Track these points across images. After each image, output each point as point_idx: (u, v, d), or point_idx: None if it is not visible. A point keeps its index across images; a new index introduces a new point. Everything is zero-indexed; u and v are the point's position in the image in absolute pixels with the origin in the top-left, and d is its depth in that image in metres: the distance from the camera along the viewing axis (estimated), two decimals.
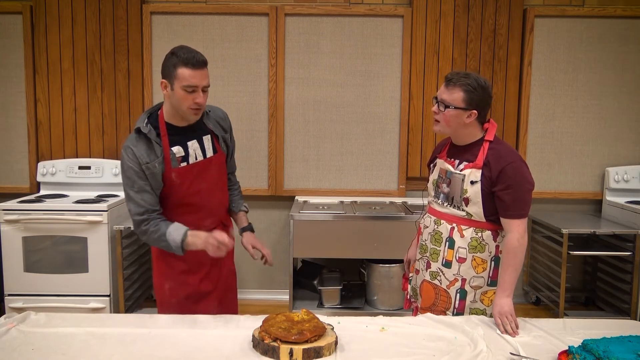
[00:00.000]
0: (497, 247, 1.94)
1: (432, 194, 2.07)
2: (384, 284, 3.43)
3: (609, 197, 3.74)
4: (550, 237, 3.63)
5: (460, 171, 1.93)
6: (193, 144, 1.98)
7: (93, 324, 1.75)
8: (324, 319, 1.71)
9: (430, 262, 2.02)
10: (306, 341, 1.53)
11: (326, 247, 3.35)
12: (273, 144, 3.81)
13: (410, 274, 2.22)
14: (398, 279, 3.40)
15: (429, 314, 1.90)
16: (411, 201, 3.74)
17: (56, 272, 3.32)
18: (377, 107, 3.80)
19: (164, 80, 1.87)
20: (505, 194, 1.85)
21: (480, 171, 1.89)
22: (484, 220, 1.91)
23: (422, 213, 2.17)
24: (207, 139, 2.02)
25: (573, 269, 3.88)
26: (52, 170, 3.68)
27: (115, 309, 3.39)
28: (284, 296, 3.88)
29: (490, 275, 1.94)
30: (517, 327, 1.76)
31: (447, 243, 1.96)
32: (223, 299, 2.18)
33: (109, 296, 3.34)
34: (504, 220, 1.89)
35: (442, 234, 1.98)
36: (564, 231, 3.31)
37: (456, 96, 1.88)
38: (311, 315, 1.66)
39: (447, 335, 1.71)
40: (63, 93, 3.76)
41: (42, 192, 3.71)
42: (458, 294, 1.95)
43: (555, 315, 3.49)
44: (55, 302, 3.31)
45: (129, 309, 3.44)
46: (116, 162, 3.72)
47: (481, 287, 1.95)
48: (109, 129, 3.79)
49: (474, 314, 1.94)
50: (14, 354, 1.54)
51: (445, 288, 1.97)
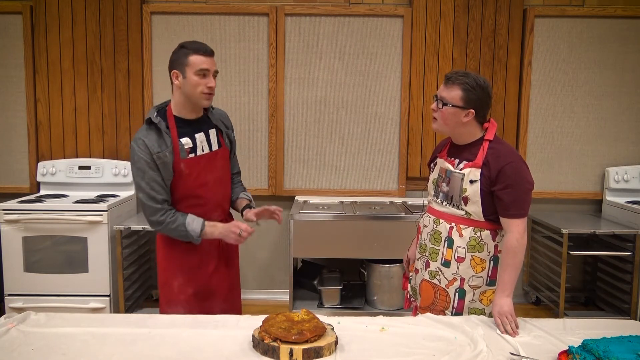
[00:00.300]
0: (496, 246, 1.94)
1: (432, 193, 2.08)
2: (384, 284, 3.43)
3: (609, 197, 3.74)
4: (550, 237, 3.63)
5: (460, 170, 1.94)
6: (200, 137, 2.06)
7: (93, 324, 1.75)
8: (324, 319, 1.71)
9: (430, 261, 2.02)
10: (306, 341, 1.53)
11: (326, 247, 3.35)
12: (273, 144, 3.81)
13: (410, 274, 2.22)
14: (398, 279, 3.40)
15: (428, 314, 1.90)
16: (411, 201, 3.74)
17: (56, 272, 3.32)
18: (377, 107, 3.80)
19: (175, 71, 1.99)
20: (505, 193, 1.85)
21: (480, 170, 1.89)
22: (482, 219, 1.91)
23: (422, 213, 2.18)
24: (212, 132, 2.11)
25: (573, 269, 3.88)
26: (52, 170, 3.68)
27: (115, 309, 3.39)
28: (284, 296, 3.88)
29: (489, 275, 1.94)
30: (517, 327, 1.76)
31: (446, 242, 1.96)
32: (229, 295, 2.23)
33: (109, 296, 3.34)
34: (503, 220, 1.89)
35: (441, 233, 1.98)
36: (564, 231, 3.31)
37: (454, 94, 1.89)
38: (311, 315, 1.66)
39: (447, 335, 1.71)
40: (63, 93, 3.76)
41: (42, 192, 3.71)
42: (457, 294, 1.95)
43: (555, 315, 3.49)
44: (55, 302, 3.31)
45: (129, 309, 3.44)
46: (116, 162, 3.72)
47: (480, 286, 1.94)
48: (109, 129, 3.79)
49: (473, 313, 1.94)
50: (14, 354, 1.54)
51: (444, 287, 1.97)
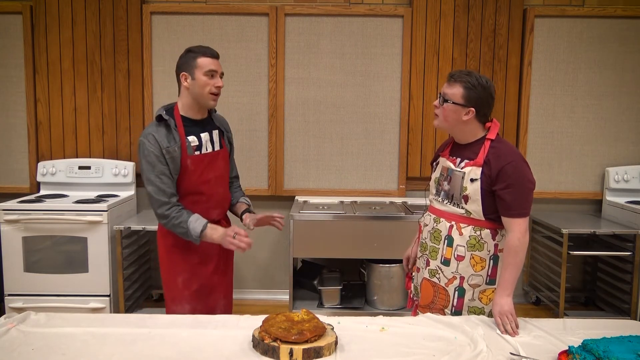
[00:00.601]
0: (495, 245, 1.94)
1: (433, 192, 2.08)
2: (384, 284, 3.43)
3: (609, 197, 3.74)
4: (550, 237, 3.63)
5: (461, 169, 1.94)
6: (205, 136, 2.16)
7: (93, 324, 1.75)
8: (324, 319, 1.71)
9: (430, 260, 2.03)
10: (306, 341, 1.53)
11: (326, 247, 3.35)
12: (273, 144, 3.81)
13: (413, 273, 2.22)
14: (398, 279, 3.40)
15: (428, 314, 1.90)
16: (411, 201, 3.74)
17: (56, 272, 3.32)
18: (377, 107, 3.80)
19: (184, 73, 2.09)
20: (506, 193, 1.85)
21: (481, 169, 1.89)
22: (483, 218, 1.92)
23: (423, 212, 2.18)
24: (215, 133, 2.22)
25: (573, 269, 3.88)
26: (52, 170, 3.68)
27: (115, 309, 3.40)
28: (284, 296, 3.88)
29: (489, 273, 1.94)
30: (517, 326, 1.76)
31: (446, 241, 1.97)
32: (227, 293, 2.33)
33: (109, 296, 3.34)
34: (505, 219, 1.89)
35: (441, 232, 1.99)
36: (564, 231, 3.31)
37: (455, 91, 1.91)
38: (311, 315, 1.66)
39: (447, 335, 1.71)
40: (63, 93, 3.76)
41: (42, 192, 3.71)
42: (456, 292, 1.96)
43: (555, 315, 3.49)
44: (55, 302, 3.31)
45: (129, 309, 3.44)
46: (116, 162, 3.72)
47: (480, 285, 1.95)
48: (109, 129, 3.79)
49: (473, 312, 1.95)
50: (14, 354, 1.54)
51: (444, 286, 1.98)
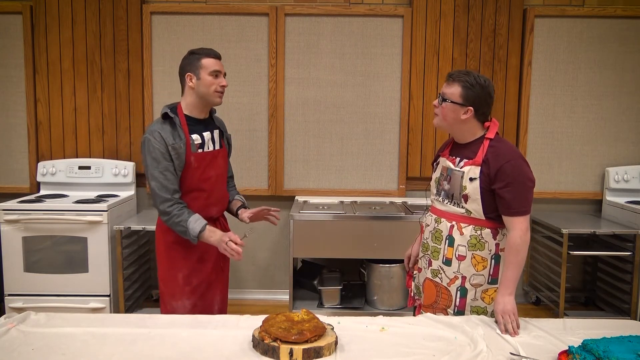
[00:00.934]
0: (497, 245, 1.94)
1: (434, 192, 2.09)
2: (384, 284, 3.43)
3: (609, 197, 3.74)
4: (550, 237, 3.63)
5: (460, 168, 1.95)
6: (207, 135, 2.22)
7: (93, 324, 1.75)
8: (324, 319, 1.72)
9: (432, 260, 2.03)
10: (306, 341, 1.53)
11: (326, 247, 3.35)
12: (273, 144, 3.81)
13: (414, 272, 2.23)
14: (398, 278, 3.40)
15: (428, 314, 1.91)
16: (411, 201, 3.74)
17: (56, 272, 3.32)
18: (377, 107, 3.80)
19: (189, 74, 2.15)
20: (506, 191, 1.86)
21: (479, 168, 1.90)
22: (483, 217, 1.92)
23: (424, 212, 2.19)
24: (216, 133, 2.29)
25: (573, 269, 3.87)
26: (52, 170, 3.68)
27: (115, 309, 3.40)
28: (284, 296, 3.88)
29: (491, 273, 1.95)
30: (518, 326, 1.76)
31: (447, 241, 1.97)
32: (223, 289, 2.38)
33: (109, 296, 3.34)
34: (506, 218, 1.90)
35: (442, 232, 1.99)
36: (564, 231, 3.31)
37: (454, 90, 1.93)
38: (311, 315, 1.66)
39: (447, 335, 1.71)
40: (63, 93, 3.76)
41: (42, 192, 3.71)
42: (459, 292, 1.96)
43: (555, 315, 3.49)
44: (55, 302, 3.31)
45: (129, 309, 3.44)
46: (116, 162, 3.72)
47: (482, 285, 1.95)
48: (109, 129, 3.79)
49: (475, 312, 1.95)
50: (14, 354, 1.54)
51: (446, 286, 1.98)
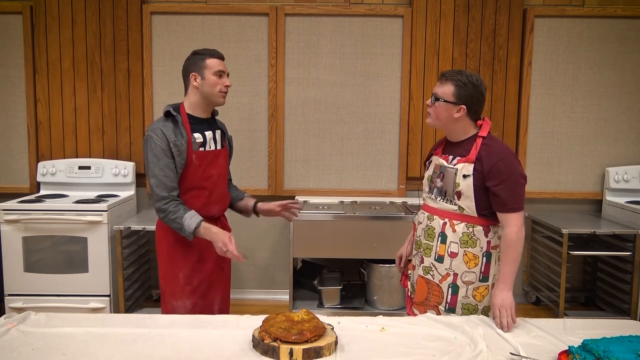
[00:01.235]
0: (488, 242, 1.96)
1: (426, 190, 2.12)
2: (384, 284, 3.43)
3: (609, 197, 3.74)
4: (550, 237, 3.63)
5: (454, 165, 1.97)
6: (209, 134, 2.24)
7: (93, 324, 1.75)
8: (324, 319, 1.71)
9: (424, 257, 2.06)
10: (306, 341, 1.53)
11: (326, 247, 3.35)
12: (273, 144, 3.81)
13: (410, 271, 2.24)
14: (398, 278, 3.40)
15: (428, 314, 1.91)
16: (411, 201, 3.74)
17: (56, 272, 3.32)
18: (377, 107, 3.80)
19: (194, 74, 2.17)
20: (500, 189, 1.88)
21: (473, 165, 1.92)
22: (475, 215, 1.94)
23: (417, 210, 2.21)
24: (218, 133, 2.30)
25: (573, 269, 3.88)
26: (52, 170, 3.68)
27: (115, 309, 3.40)
28: (284, 296, 3.88)
29: (482, 270, 1.96)
30: (513, 322, 1.78)
31: (440, 238, 2.00)
32: (224, 288, 2.38)
33: (109, 296, 3.34)
34: (501, 215, 1.92)
35: (434, 229, 2.02)
36: (564, 231, 3.31)
37: (446, 90, 1.95)
38: (311, 315, 1.66)
39: (447, 335, 1.71)
40: (63, 93, 3.76)
41: (42, 192, 3.71)
42: (450, 289, 1.98)
43: (555, 315, 3.49)
44: (55, 302, 3.31)
45: (129, 309, 3.44)
46: (116, 162, 3.72)
47: (473, 282, 1.97)
48: (109, 129, 3.79)
49: (466, 309, 1.97)
50: (14, 354, 1.54)
51: (438, 283, 2.00)
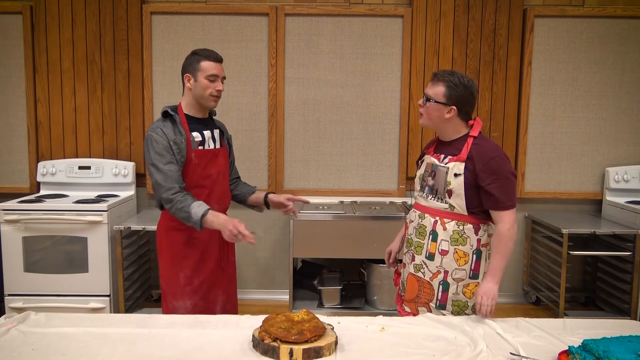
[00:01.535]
0: (478, 240, 2.00)
1: (418, 188, 2.15)
2: (384, 284, 3.43)
3: (609, 197, 3.74)
4: (550, 237, 3.63)
5: (445, 164, 2.00)
6: (207, 133, 2.26)
7: (93, 324, 1.75)
8: (324, 319, 1.72)
9: (415, 255, 2.08)
10: (306, 341, 1.53)
11: (326, 247, 3.35)
12: (273, 144, 3.81)
13: (401, 269, 2.26)
14: None
15: (428, 314, 1.91)
16: (411, 201, 3.71)
17: (56, 272, 3.32)
18: (377, 107, 3.80)
19: (187, 75, 2.19)
20: (493, 188, 1.92)
21: (464, 164, 1.96)
22: (466, 213, 1.98)
23: (409, 209, 2.22)
24: (217, 132, 2.32)
25: (573, 269, 3.88)
26: (52, 170, 3.68)
27: (115, 309, 3.39)
28: (284, 296, 3.88)
29: (472, 268, 2.01)
30: (491, 312, 1.89)
31: (431, 236, 2.03)
32: (228, 290, 2.37)
33: (109, 296, 3.34)
34: (494, 213, 1.97)
35: (426, 227, 2.05)
36: (564, 231, 3.31)
37: (438, 91, 1.98)
38: (311, 315, 1.66)
39: (447, 335, 1.71)
40: (63, 93, 3.76)
41: (42, 192, 3.71)
42: (441, 286, 2.01)
43: (555, 315, 3.49)
44: (55, 302, 3.30)
45: (129, 309, 3.44)
46: (116, 162, 3.72)
47: (463, 279, 2.00)
48: (109, 129, 3.79)
49: (457, 306, 2.01)
50: (14, 354, 1.54)
51: (429, 280, 2.04)
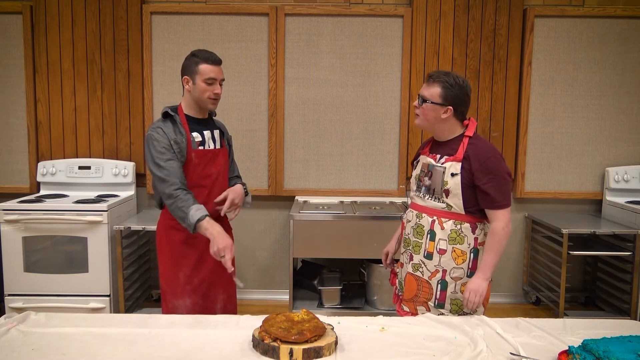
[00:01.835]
0: (475, 239, 2.02)
1: (414, 188, 2.17)
2: (384, 284, 3.43)
3: (609, 197, 3.74)
4: (550, 237, 3.63)
5: (442, 164, 2.02)
6: (207, 134, 2.27)
7: (93, 324, 1.75)
8: (324, 319, 1.72)
9: (413, 254, 2.10)
10: (306, 341, 1.53)
11: (326, 247, 3.35)
12: (273, 144, 3.81)
13: (398, 269, 2.27)
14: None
15: (428, 314, 1.92)
16: (409, 201, 3.73)
17: (56, 272, 3.32)
18: (377, 107, 3.80)
19: (186, 77, 2.20)
20: (489, 187, 1.95)
21: (460, 164, 1.98)
22: (463, 212, 2.00)
23: (405, 209, 2.23)
24: (217, 133, 2.33)
25: (573, 269, 3.88)
26: (52, 170, 3.68)
27: (115, 309, 3.39)
28: (284, 296, 3.88)
29: (470, 266, 2.03)
30: (477, 307, 1.95)
31: (429, 235, 2.05)
32: (228, 289, 2.36)
33: (109, 296, 3.34)
34: (489, 212, 2.00)
35: (423, 227, 2.06)
36: (564, 231, 3.31)
37: (433, 91, 2.01)
38: (311, 315, 1.66)
39: (447, 335, 1.71)
40: (63, 93, 3.76)
41: (42, 192, 3.71)
42: (439, 285, 2.03)
43: (555, 315, 3.49)
44: (55, 302, 3.30)
45: (129, 309, 3.44)
46: (116, 162, 3.72)
47: (461, 278, 2.02)
48: (109, 129, 3.79)
49: (455, 304, 2.03)
50: (14, 354, 1.54)
51: (427, 279, 2.05)
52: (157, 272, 2.32)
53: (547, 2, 3.74)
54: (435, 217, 2.03)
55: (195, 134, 2.21)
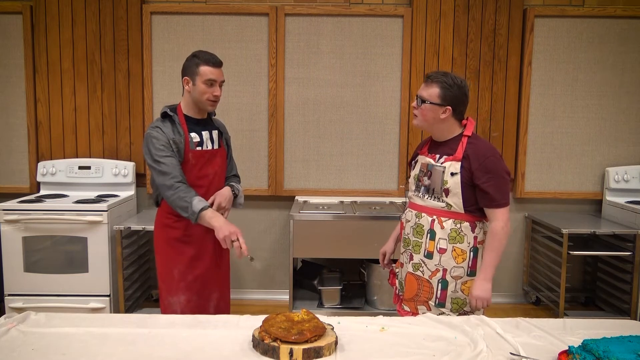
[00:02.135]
0: (475, 238, 2.03)
1: (413, 188, 2.17)
2: (384, 284, 3.43)
3: (609, 197, 3.74)
4: (550, 237, 3.63)
5: (441, 164, 2.03)
6: (206, 134, 2.29)
7: (93, 324, 1.75)
8: (324, 319, 1.71)
9: (413, 254, 2.10)
10: (306, 341, 1.53)
11: (326, 247, 3.35)
12: (273, 144, 3.81)
13: (397, 269, 2.28)
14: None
15: (428, 314, 1.91)
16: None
17: (56, 272, 3.32)
18: (377, 107, 3.80)
19: (186, 78, 2.22)
20: (488, 186, 1.96)
21: (460, 163, 1.99)
22: (462, 211, 2.01)
23: (404, 209, 2.26)
24: (215, 133, 2.35)
25: (573, 269, 3.88)
26: (52, 170, 3.68)
27: (115, 309, 3.40)
28: (284, 296, 3.88)
29: (470, 265, 2.04)
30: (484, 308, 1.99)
31: (429, 235, 2.05)
32: (222, 288, 2.39)
33: (109, 296, 3.34)
34: (488, 211, 2.01)
35: (423, 226, 2.07)
36: (564, 231, 3.31)
37: (432, 92, 2.02)
38: (311, 315, 1.66)
39: (447, 335, 1.71)
40: (63, 93, 3.76)
41: (42, 192, 3.71)
42: (440, 284, 2.04)
43: (555, 315, 3.49)
44: (55, 302, 3.31)
45: (129, 309, 3.44)
46: (116, 162, 3.72)
47: (461, 277, 2.03)
48: (109, 129, 3.79)
49: (456, 303, 2.04)
50: (14, 354, 1.54)
51: (428, 278, 2.06)
52: (156, 272, 2.33)
53: (547, 2, 3.75)
54: (434, 217, 2.04)
55: (193, 134, 2.23)
